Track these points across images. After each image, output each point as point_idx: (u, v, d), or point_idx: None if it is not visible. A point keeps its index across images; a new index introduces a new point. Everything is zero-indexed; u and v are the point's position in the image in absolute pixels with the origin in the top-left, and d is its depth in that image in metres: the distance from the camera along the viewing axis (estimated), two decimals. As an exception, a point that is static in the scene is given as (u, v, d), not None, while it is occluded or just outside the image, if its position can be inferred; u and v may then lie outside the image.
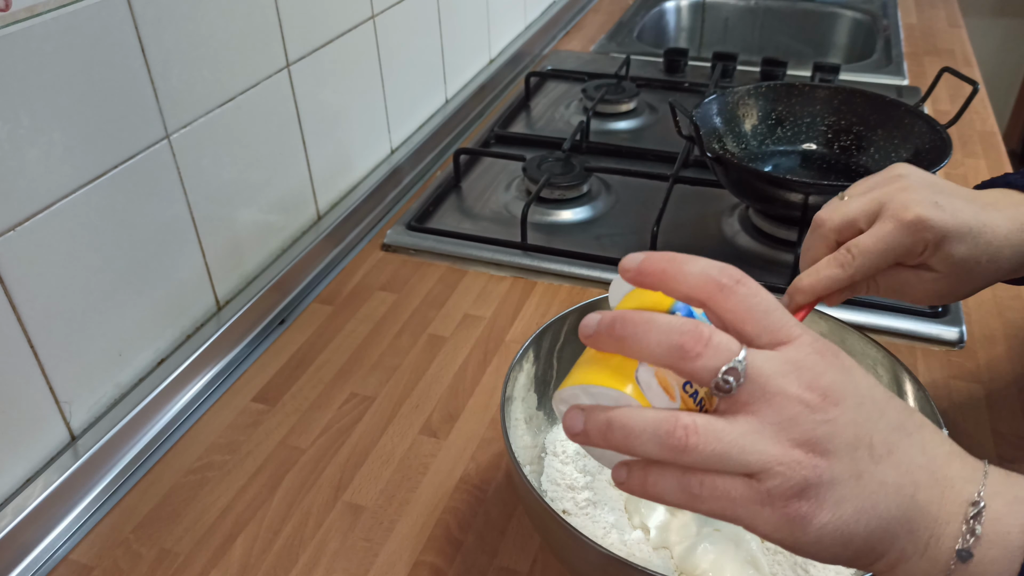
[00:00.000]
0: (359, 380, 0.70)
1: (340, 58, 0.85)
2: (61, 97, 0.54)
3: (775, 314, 0.34)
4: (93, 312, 0.60)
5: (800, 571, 0.48)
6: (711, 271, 0.35)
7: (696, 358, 0.33)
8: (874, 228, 0.49)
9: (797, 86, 0.89)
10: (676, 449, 0.33)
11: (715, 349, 0.33)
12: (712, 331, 0.33)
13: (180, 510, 0.59)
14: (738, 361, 0.32)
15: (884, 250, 0.49)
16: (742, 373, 0.32)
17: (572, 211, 0.90)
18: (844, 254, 0.50)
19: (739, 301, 0.34)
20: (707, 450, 0.32)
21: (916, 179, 0.51)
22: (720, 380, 0.33)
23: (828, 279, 0.50)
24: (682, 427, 0.33)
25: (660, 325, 0.34)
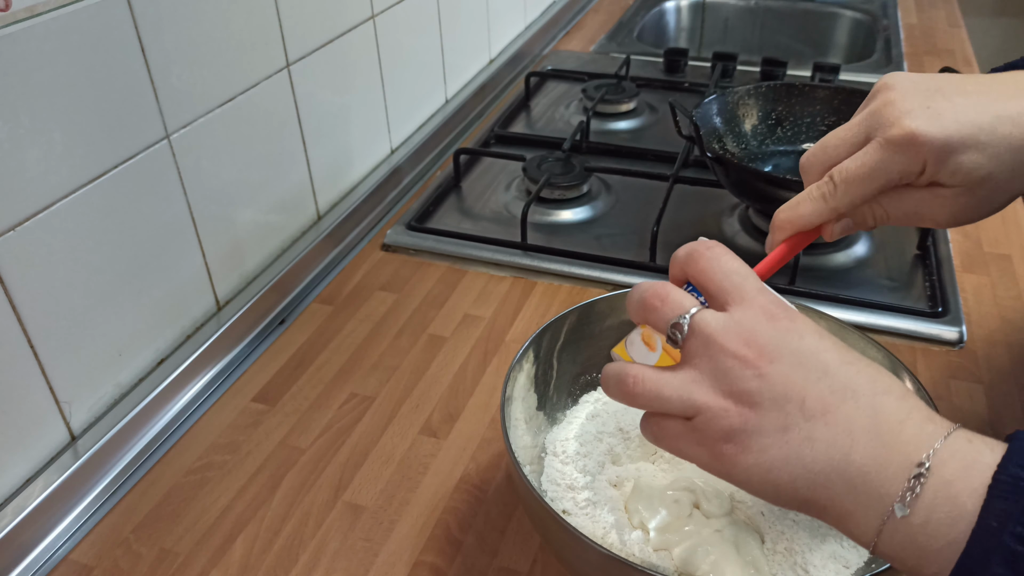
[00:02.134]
0: (359, 380, 0.70)
1: (340, 58, 0.85)
2: (61, 97, 0.54)
3: (732, 277, 0.39)
4: (93, 312, 0.60)
5: (800, 571, 0.48)
6: (690, 244, 0.41)
7: (653, 311, 0.39)
8: (859, 152, 0.45)
9: (797, 86, 0.89)
10: (627, 395, 0.39)
11: (670, 305, 0.39)
12: (671, 291, 0.39)
13: (180, 510, 0.59)
14: (683, 317, 0.38)
15: (870, 174, 0.44)
16: (685, 326, 0.38)
17: (572, 211, 0.90)
18: (826, 183, 0.45)
19: (704, 264, 0.39)
20: (649, 396, 0.38)
21: (905, 86, 0.45)
22: (669, 331, 0.38)
23: (810, 212, 0.46)
24: (631, 377, 0.39)
25: (639, 287, 0.40)
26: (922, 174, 0.44)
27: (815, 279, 0.78)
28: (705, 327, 0.37)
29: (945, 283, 0.77)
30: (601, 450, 0.56)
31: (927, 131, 0.42)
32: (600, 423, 0.58)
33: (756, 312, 0.37)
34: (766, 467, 0.36)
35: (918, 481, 0.33)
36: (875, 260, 0.81)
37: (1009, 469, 0.33)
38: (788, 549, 0.49)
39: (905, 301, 0.75)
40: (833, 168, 0.46)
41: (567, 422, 0.59)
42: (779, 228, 0.48)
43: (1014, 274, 0.80)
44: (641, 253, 0.82)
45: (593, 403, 0.60)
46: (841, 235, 0.48)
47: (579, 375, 0.61)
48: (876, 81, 0.47)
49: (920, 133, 0.42)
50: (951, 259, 0.81)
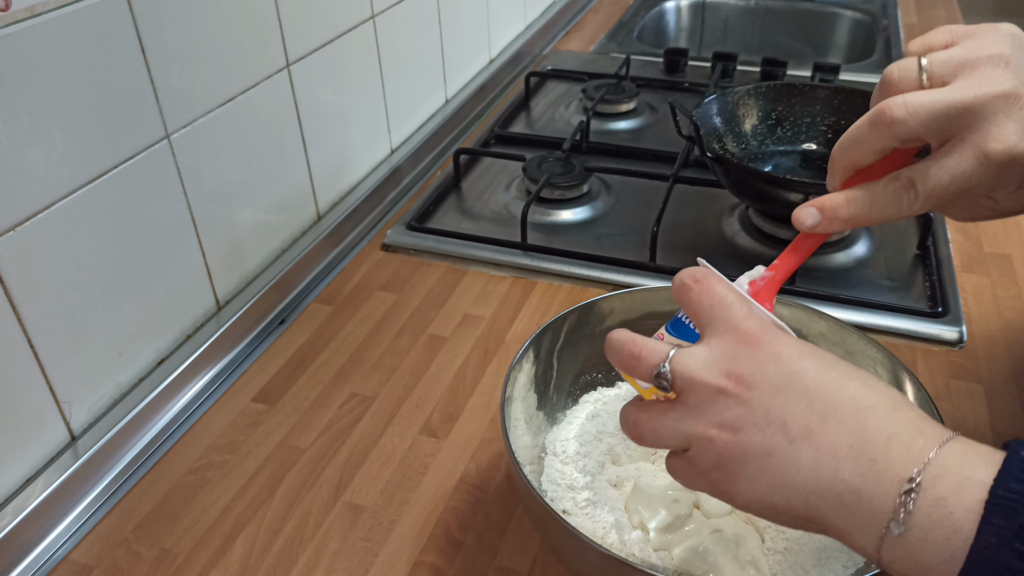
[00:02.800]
0: (359, 380, 0.70)
1: (340, 58, 0.85)
2: (61, 97, 0.54)
3: (716, 309, 0.40)
4: (93, 312, 0.60)
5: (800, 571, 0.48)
6: (682, 275, 0.42)
7: (635, 368, 0.40)
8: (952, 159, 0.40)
9: (797, 86, 0.89)
10: (636, 438, 0.41)
11: (645, 360, 0.40)
12: (643, 345, 0.40)
13: (180, 510, 0.59)
14: (663, 366, 0.39)
15: (958, 191, 0.40)
16: (667, 374, 0.39)
17: (572, 211, 0.90)
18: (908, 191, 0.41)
19: (691, 299, 0.41)
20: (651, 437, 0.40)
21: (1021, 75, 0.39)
22: (655, 383, 0.40)
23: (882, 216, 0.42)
24: (630, 423, 0.41)
25: (612, 346, 0.42)
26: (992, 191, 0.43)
27: (815, 279, 0.78)
28: (685, 369, 0.39)
29: (945, 283, 0.77)
30: (601, 450, 0.56)
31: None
32: (600, 423, 0.58)
33: (735, 341, 0.38)
34: (759, 492, 0.37)
35: (909, 497, 0.33)
36: (875, 260, 0.81)
37: (1006, 483, 0.32)
38: (788, 549, 0.49)
39: (905, 301, 0.75)
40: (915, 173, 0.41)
41: (567, 422, 0.59)
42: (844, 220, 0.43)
43: (1014, 274, 0.80)
44: (641, 253, 0.82)
45: (593, 403, 0.60)
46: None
47: (579, 375, 0.61)
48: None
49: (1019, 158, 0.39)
50: (951, 259, 0.81)
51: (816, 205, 0.44)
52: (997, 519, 0.32)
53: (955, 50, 0.41)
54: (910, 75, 0.42)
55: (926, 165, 0.41)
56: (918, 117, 0.40)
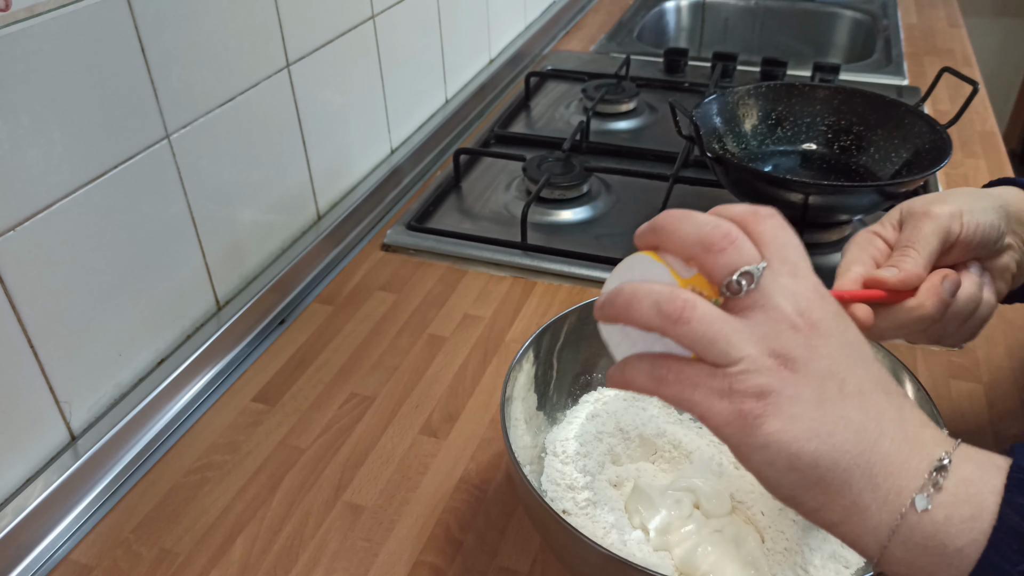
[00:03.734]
0: (359, 380, 0.70)
1: (340, 58, 0.85)
2: (61, 97, 0.54)
3: (794, 251, 0.37)
4: (93, 312, 0.60)
5: (800, 571, 0.48)
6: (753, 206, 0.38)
7: (720, 252, 0.35)
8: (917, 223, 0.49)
9: (797, 86, 0.89)
10: (670, 317, 0.35)
11: (738, 250, 0.35)
12: (740, 234, 0.36)
13: (180, 510, 0.59)
14: (756, 268, 0.35)
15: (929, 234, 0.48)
16: (756, 278, 0.35)
17: (572, 211, 0.90)
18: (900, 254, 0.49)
19: (767, 228, 0.37)
20: (697, 327, 0.35)
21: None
22: (735, 280, 0.35)
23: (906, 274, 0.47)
24: (682, 299, 0.35)
25: (696, 218, 0.37)
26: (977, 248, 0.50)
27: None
28: (770, 284, 0.36)
29: (945, 283, 0.77)
30: (601, 450, 0.56)
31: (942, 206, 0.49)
32: (600, 423, 0.58)
33: (812, 290, 0.37)
34: (792, 435, 0.34)
35: (940, 475, 0.34)
36: (875, 260, 0.81)
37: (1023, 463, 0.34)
38: (788, 549, 0.49)
39: (905, 301, 0.75)
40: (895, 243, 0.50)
41: (567, 422, 0.59)
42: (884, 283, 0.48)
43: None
44: (641, 253, 0.82)
45: (593, 403, 0.60)
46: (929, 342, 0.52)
47: (579, 375, 0.61)
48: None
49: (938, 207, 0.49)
50: (951, 259, 0.80)
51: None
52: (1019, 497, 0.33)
53: None
54: None
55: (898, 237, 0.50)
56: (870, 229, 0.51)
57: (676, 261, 0.37)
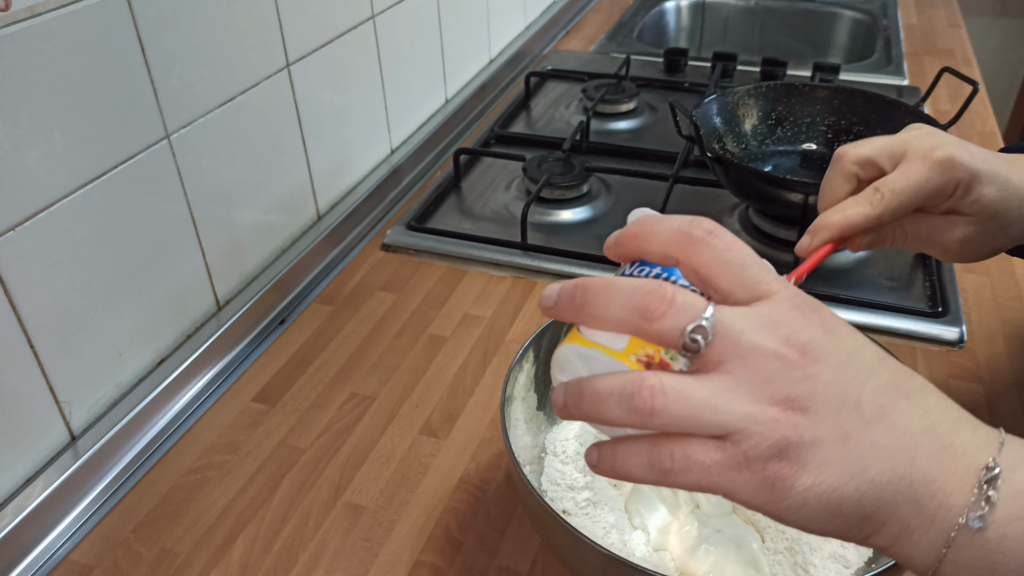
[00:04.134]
0: (359, 380, 0.70)
1: (340, 58, 0.85)
2: (61, 97, 0.54)
3: (751, 268, 0.32)
4: (93, 312, 0.60)
5: (800, 571, 0.48)
6: (682, 224, 0.33)
7: (661, 318, 0.31)
8: (902, 167, 0.49)
9: (797, 86, 0.89)
10: (642, 412, 0.31)
11: (680, 307, 0.31)
12: (676, 289, 0.31)
13: (180, 510, 0.59)
14: (705, 318, 0.31)
15: (914, 189, 0.48)
16: (710, 330, 0.31)
17: (572, 211, 0.90)
18: (873, 193, 0.49)
19: (713, 255, 0.32)
20: (676, 411, 0.30)
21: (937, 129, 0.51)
22: (687, 340, 0.31)
23: (857, 216, 0.49)
24: (648, 388, 0.31)
25: (623, 288, 0.32)
26: (950, 197, 0.49)
27: (815, 279, 0.78)
28: (733, 325, 0.31)
29: (945, 283, 0.77)
30: (601, 450, 0.56)
31: (963, 157, 0.48)
32: (600, 423, 0.57)
33: (787, 306, 0.32)
34: (828, 485, 0.30)
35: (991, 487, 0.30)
36: (875, 260, 0.81)
37: None
38: (788, 549, 0.49)
39: (905, 301, 0.75)
40: (877, 182, 0.50)
41: (567, 422, 0.59)
42: (825, 229, 0.50)
43: (1014, 274, 0.80)
44: (641, 253, 0.82)
45: (593, 403, 0.60)
46: (866, 248, 0.53)
47: (579, 375, 0.61)
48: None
49: (959, 158, 0.48)
50: (951, 259, 0.81)
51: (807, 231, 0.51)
52: None
53: None
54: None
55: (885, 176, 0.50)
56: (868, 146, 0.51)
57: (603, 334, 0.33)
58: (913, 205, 0.49)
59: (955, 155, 0.48)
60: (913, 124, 0.53)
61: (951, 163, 0.48)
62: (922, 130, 0.51)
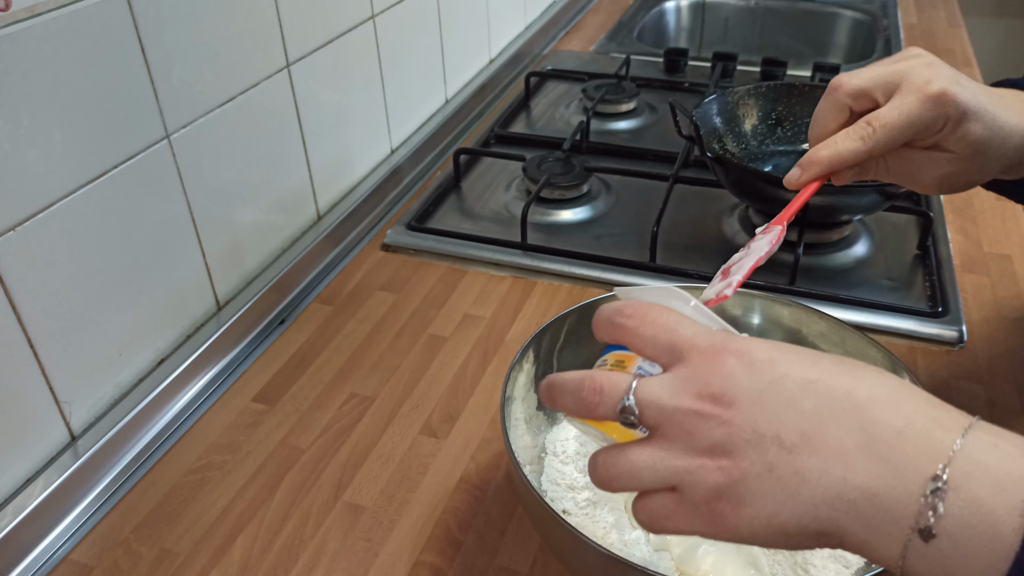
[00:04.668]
0: (359, 380, 0.70)
1: (340, 58, 0.85)
2: (61, 97, 0.54)
3: (660, 337, 0.37)
4: (93, 312, 0.60)
5: (800, 571, 0.48)
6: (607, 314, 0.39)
7: (597, 407, 0.36)
8: (895, 100, 0.49)
9: (797, 86, 0.89)
10: (603, 481, 0.36)
11: (607, 394, 0.36)
12: (604, 378, 0.36)
13: (180, 510, 0.59)
14: (626, 399, 0.35)
15: (906, 124, 0.48)
16: (633, 407, 0.35)
17: (572, 211, 0.90)
18: (864, 127, 0.49)
19: (635, 336, 0.37)
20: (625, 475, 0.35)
21: (935, 58, 0.51)
22: (621, 419, 0.36)
23: (847, 151, 0.49)
24: (600, 463, 0.36)
25: (567, 386, 0.38)
26: (938, 132, 0.49)
27: (815, 279, 0.78)
28: (651, 396, 0.35)
29: (945, 283, 0.77)
30: (601, 450, 0.56)
31: (957, 93, 0.48)
32: (600, 423, 0.57)
33: (697, 361, 0.35)
34: (767, 513, 0.33)
35: (937, 498, 0.30)
36: (875, 260, 0.81)
37: None
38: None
39: (905, 301, 0.75)
40: (869, 115, 0.49)
41: (567, 422, 0.59)
42: (815, 164, 0.50)
43: (1014, 274, 0.80)
44: (641, 253, 0.82)
45: (593, 403, 0.60)
46: (849, 181, 0.53)
47: (579, 375, 0.61)
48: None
49: (953, 94, 0.48)
50: (951, 259, 0.81)
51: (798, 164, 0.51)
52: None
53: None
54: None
55: (877, 109, 0.49)
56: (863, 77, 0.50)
57: None
58: (903, 139, 0.49)
59: (948, 90, 0.48)
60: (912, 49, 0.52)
61: (944, 98, 0.48)
62: (920, 59, 0.50)
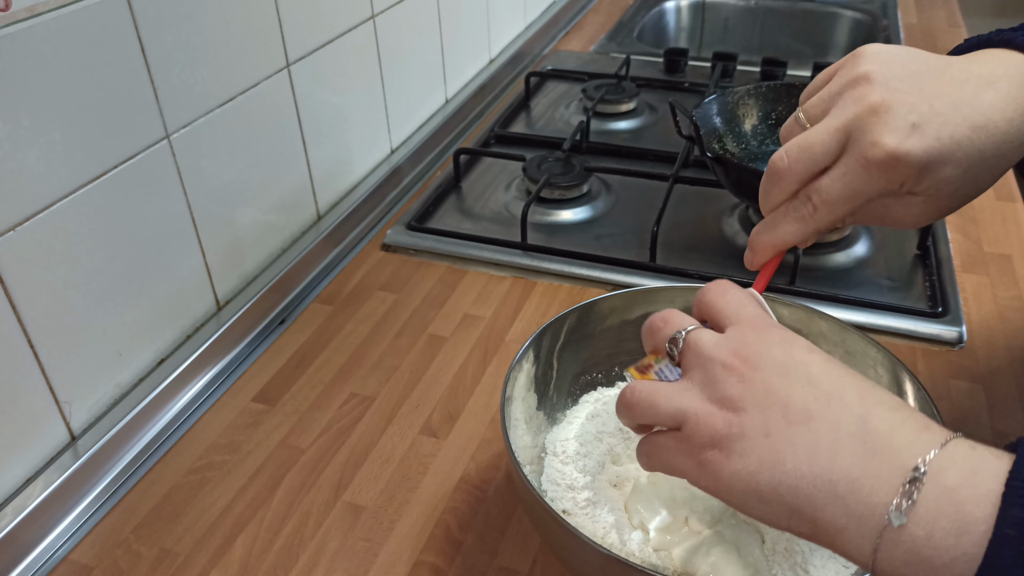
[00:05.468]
0: (359, 380, 0.70)
1: (340, 58, 0.85)
2: (61, 97, 0.54)
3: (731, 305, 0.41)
4: (93, 312, 0.60)
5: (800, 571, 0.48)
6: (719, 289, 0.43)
7: (657, 331, 0.42)
8: (838, 168, 0.43)
9: (797, 86, 0.89)
10: (625, 405, 0.41)
11: (671, 326, 0.42)
12: (673, 314, 0.42)
13: (180, 510, 0.59)
14: (679, 333, 0.41)
15: (851, 197, 0.43)
16: (680, 341, 0.40)
17: (572, 211, 0.90)
18: (804, 205, 0.44)
19: (710, 296, 0.43)
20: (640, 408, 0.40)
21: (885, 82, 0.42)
22: (668, 347, 0.41)
23: (789, 235, 0.45)
24: (629, 390, 0.41)
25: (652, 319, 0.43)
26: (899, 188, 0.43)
27: (815, 279, 0.78)
28: (698, 341, 0.40)
29: (945, 283, 0.77)
30: (601, 450, 0.56)
31: (910, 152, 0.41)
32: (600, 423, 0.58)
33: (747, 328, 0.40)
34: (748, 471, 0.36)
35: (914, 487, 0.32)
36: (875, 260, 0.81)
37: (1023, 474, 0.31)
38: (788, 549, 0.49)
39: (905, 301, 0.75)
40: (810, 187, 0.44)
41: (567, 422, 0.59)
42: (760, 250, 0.48)
43: (1014, 274, 0.80)
44: (641, 253, 0.82)
45: (593, 403, 0.60)
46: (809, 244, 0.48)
47: (579, 375, 0.61)
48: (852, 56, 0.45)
49: (903, 155, 0.41)
50: (951, 259, 0.81)
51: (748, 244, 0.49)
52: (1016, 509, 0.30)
53: (824, 88, 0.45)
54: (792, 127, 0.47)
55: (819, 180, 0.44)
56: (801, 159, 0.44)
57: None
58: (854, 209, 0.44)
59: (897, 151, 0.40)
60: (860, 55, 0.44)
61: (893, 163, 0.41)
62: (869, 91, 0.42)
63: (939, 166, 0.41)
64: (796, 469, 0.35)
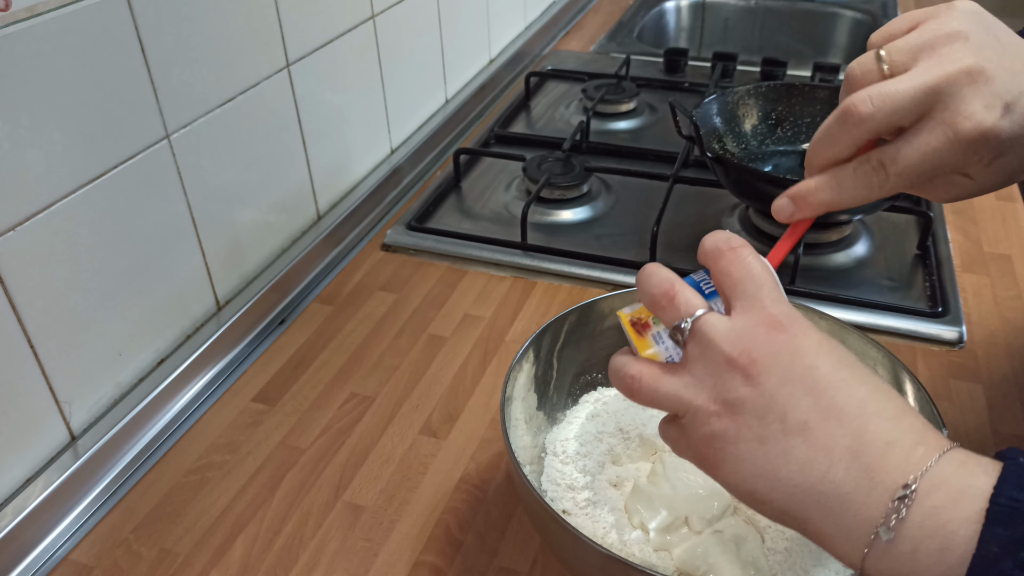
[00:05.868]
0: (359, 380, 0.70)
1: (340, 58, 0.85)
2: (61, 97, 0.54)
3: (747, 283, 0.38)
4: (93, 312, 0.60)
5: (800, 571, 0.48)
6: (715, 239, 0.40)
7: (661, 310, 0.39)
8: (921, 136, 0.39)
9: (797, 86, 0.89)
10: (628, 391, 0.40)
11: (676, 307, 0.39)
12: (681, 291, 0.39)
13: (180, 510, 0.59)
14: (686, 321, 0.38)
15: (928, 171, 0.40)
16: (686, 331, 0.38)
17: (572, 211, 0.90)
18: (877, 172, 0.41)
19: (725, 263, 0.39)
20: (645, 396, 0.39)
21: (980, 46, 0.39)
22: (671, 333, 0.39)
23: (851, 199, 0.42)
24: (630, 376, 0.39)
25: (651, 278, 0.40)
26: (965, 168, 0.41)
27: (815, 279, 0.78)
28: (707, 331, 0.37)
29: (945, 283, 0.77)
30: (601, 450, 0.56)
31: (1001, 132, 0.38)
32: (600, 423, 0.58)
33: (759, 322, 0.37)
34: (742, 477, 0.36)
35: (902, 504, 0.32)
36: (875, 260, 0.81)
37: (1007, 492, 0.31)
38: (788, 549, 0.49)
39: (905, 301, 0.75)
40: (884, 155, 0.41)
41: (567, 422, 0.59)
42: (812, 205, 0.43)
43: (1014, 274, 0.80)
44: (641, 253, 0.82)
45: (593, 403, 0.60)
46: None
47: (579, 375, 0.61)
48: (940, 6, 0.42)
49: (995, 135, 0.38)
50: (951, 259, 0.81)
51: (789, 195, 0.45)
52: (999, 528, 0.31)
53: (913, 35, 0.41)
54: (871, 68, 0.41)
55: (896, 146, 0.40)
56: (884, 109, 0.40)
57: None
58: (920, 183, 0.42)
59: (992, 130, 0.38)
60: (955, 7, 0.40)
61: (982, 141, 0.38)
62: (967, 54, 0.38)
63: (1009, 153, 0.40)
64: (790, 480, 0.35)
